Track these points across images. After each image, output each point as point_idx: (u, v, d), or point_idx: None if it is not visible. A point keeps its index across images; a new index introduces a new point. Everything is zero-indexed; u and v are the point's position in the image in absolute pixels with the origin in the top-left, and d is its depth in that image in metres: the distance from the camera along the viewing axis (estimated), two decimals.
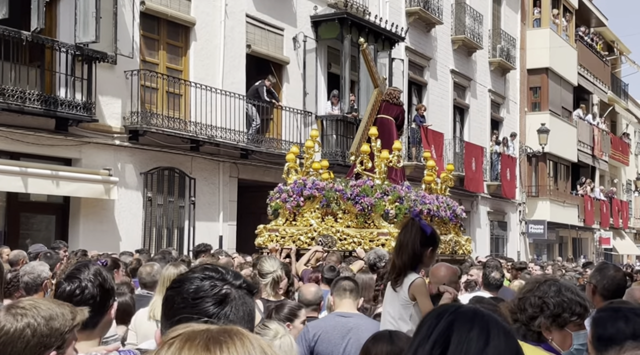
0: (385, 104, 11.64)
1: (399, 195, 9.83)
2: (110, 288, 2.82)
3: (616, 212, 35.96)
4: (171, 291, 1.78)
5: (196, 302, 1.71)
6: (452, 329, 1.51)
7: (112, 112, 13.51)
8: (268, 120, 16.89)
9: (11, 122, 11.79)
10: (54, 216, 13.42)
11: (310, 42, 17.94)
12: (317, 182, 10.14)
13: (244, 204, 16.43)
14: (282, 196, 10.22)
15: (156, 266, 6.37)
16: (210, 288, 1.73)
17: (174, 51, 15.19)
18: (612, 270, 4.42)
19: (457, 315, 1.54)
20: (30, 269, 5.29)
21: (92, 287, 2.73)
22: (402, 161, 10.71)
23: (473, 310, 1.56)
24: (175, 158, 14.63)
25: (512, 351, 1.52)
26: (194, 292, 1.73)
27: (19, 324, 2.27)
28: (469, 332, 1.50)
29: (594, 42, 35.52)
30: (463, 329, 1.51)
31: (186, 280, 1.76)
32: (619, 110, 38.69)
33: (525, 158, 28.76)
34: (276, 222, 10.34)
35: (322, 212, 10.04)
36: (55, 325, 2.30)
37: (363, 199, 9.68)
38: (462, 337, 1.50)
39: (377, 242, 9.49)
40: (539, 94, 29.76)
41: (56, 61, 12.29)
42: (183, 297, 1.73)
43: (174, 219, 14.74)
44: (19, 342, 2.26)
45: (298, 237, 9.95)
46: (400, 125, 12.16)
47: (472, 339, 1.49)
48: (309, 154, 10.70)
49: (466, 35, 24.27)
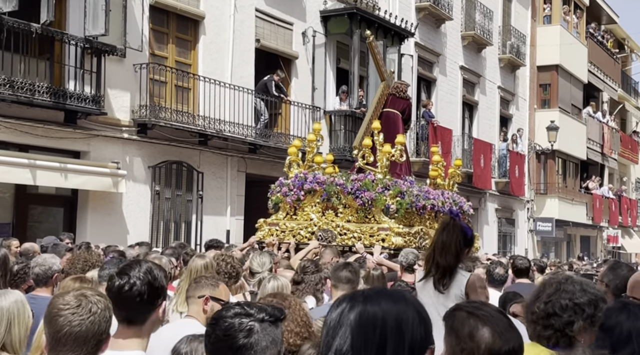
0: (391, 97, 11.54)
1: (400, 190, 9.72)
2: (160, 287, 2.90)
3: (625, 210, 35.81)
4: (209, 327, 2.24)
5: (226, 338, 2.16)
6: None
7: (120, 106, 13.52)
8: (276, 115, 16.88)
9: (20, 115, 11.81)
10: (62, 209, 13.45)
11: (320, 37, 17.91)
12: (318, 175, 10.05)
13: (251, 199, 16.43)
14: (282, 190, 10.17)
15: (164, 259, 6.37)
16: (238, 325, 2.17)
17: (183, 45, 15.19)
18: (625, 269, 4.33)
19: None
20: (42, 261, 5.28)
21: (140, 285, 2.83)
22: (404, 155, 10.53)
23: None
24: (184, 152, 14.64)
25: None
26: (225, 329, 2.17)
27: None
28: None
29: (605, 39, 35.35)
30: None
31: (220, 318, 2.21)
32: (629, 108, 38.51)
33: (534, 155, 28.67)
34: (276, 216, 10.29)
35: (323, 206, 9.96)
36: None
37: (363, 193, 9.60)
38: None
39: (377, 237, 9.39)
40: (548, 91, 29.65)
41: (65, 54, 12.30)
42: (216, 334, 2.19)
43: (182, 212, 14.76)
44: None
45: (298, 231, 9.89)
46: (407, 119, 12.04)
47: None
48: (311, 148, 10.64)
49: (476, 31, 24.19)
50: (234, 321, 2.17)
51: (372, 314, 1.83)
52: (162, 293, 2.91)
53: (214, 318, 2.26)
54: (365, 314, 1.83)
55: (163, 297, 2.93)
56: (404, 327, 1.81)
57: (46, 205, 13.53)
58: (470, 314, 2.25)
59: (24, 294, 5.26)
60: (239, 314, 2.20)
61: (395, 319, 1.82)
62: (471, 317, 2.24)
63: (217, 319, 2.23)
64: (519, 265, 7.86)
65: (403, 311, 1.85)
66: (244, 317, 2.19)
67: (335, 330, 1.84)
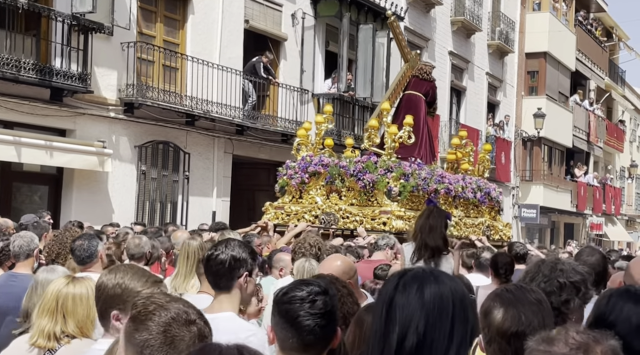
0: (414, 79, 11.13)
1: (403, 172, 9.48)
2: (241, 259, 3.29)
3: (609, 198, 36.06)
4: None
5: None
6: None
7: (107, 84, 13.42)
8: (264, 96, 16.81)
9: (5, 91, 11.70)
10: (47, 187, 13.37)
11: (309, 19, 17.82)
12: (323, 158, 9.87)
13: (238, 180, 16.41)
14: (288, 173, 10.02)
15: (144, 239, 6.39)
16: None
17: (171, 24, 15.07)
18: (585, 254, 4.52)
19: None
20: (23, 235, 5.28)
21: (224, 256, 3.27)
22: (412, 137, 10.09)
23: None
24: (170, 132, 14.57)
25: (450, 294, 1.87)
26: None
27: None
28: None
29: (593, 27, 35.41)
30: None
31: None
32: (616, 97, 38.65)
33: (520, 142, 28.76)
34: (282, 200, 10.14)
35: (327, 189, 9.77)
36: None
37: (365, 175, 9.42)
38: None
39: (379, 221, 9.20)
40: (536, 78, 29.70)
41: (52, 30, 12.18)
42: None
43: (168, 193, 14.72)
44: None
45: (302, 214, 9.72)
46: (432, 102, 11.63)
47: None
48: (319, 130, 10.45)
49: (465, 16, 24.14)
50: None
51: (445, 294, 1.86)
52: (242, 264, 3.28)
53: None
54: (438, 293, 1.86)
55: (245, 268, 3.29)
56: (467, 309, 1.86)
57: (31, 183, 13.44)
58: (497, 295, 2.32)
59: (6, 271, 5.27)
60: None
61: (460, 300, 1.88)
62: (497, 298, 2.30)
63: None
64: (516, 251, 7.88)
65: (464, 293, 1.91)
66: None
67: (406, 310, 1.85)
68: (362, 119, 18.41)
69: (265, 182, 17.74)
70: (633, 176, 42.38)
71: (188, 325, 2.00)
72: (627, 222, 41.32)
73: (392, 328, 1.86)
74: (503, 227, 11.20)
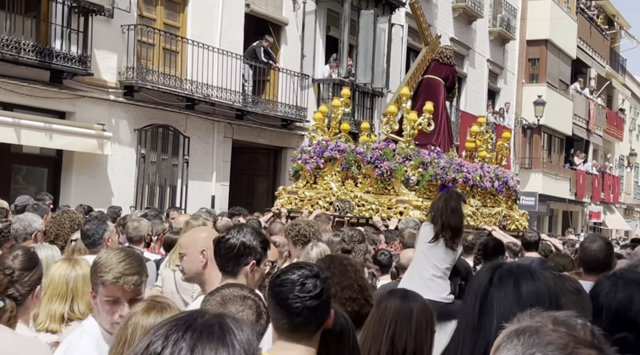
0: (434, 63, 10.90)
1: (422, 161, 9.20)
2: (250, 246, 3.29)
3: (608, 187, 36.08)
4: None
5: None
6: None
7: (107, 67, 13.37)
8: (265, 81, 16.77)
9: (5, 72, 11.65)
10: (47, 169, 13.36)
11: (310, 4, 17.74)
12: (340, 143, 9.60)
13: (237, 165, 16.40)
14: (303, 157, 9.77)
15: (143, 221, 6.43)
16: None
17: (172, 7, 15.00)
18: (587, 241, 4.61)
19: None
20: (23, 217, 5.27)
21: (234, 241, 3.28)
22: (432, 124, 9.76)
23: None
24: (170, 116, 14.54)
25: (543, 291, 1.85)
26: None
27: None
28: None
29: (595, 15, 35.29)
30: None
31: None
32: (616, 85, 38.59)
33: (520, 129, 28.74)
34: (296, 184, 9.89)
35: (343, 175, 9.51)
36: None
37: (382, 163, 9.11)
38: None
39: (395, 210, 8.94)
40: (537, 65, 29.63)
41: (52, 12, 12.12)
42: None
43: (167, 176, 14.71)
44: None
45: (316, 200, 9.48)
46: (452, 86, 11.38)
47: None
48: (335, 114, 10.19)
49: (467, 3, 24.06)
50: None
51: (542, 290, 1.84)
52: (251, 252, 3.29)
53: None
54: (535, 290, 1.83)
55: (253, 256, 3.30)
56: (560, 308, 1.85)
57: (30, 165, 13.43)
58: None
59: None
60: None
61: (555, 298, 1.85)
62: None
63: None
64: (528, 238, 7.88)
65: (557, 291, 1.91)
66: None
67: (503, 304, 1.82)
68: (362, 105, 18.38)
69: (264, 167, 17.79)
70: (632, 165, 42.38)
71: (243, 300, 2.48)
72: (626, 211, 41.39)
73: (488, 322, 1.82)
74: (520, 216, 11.01)
